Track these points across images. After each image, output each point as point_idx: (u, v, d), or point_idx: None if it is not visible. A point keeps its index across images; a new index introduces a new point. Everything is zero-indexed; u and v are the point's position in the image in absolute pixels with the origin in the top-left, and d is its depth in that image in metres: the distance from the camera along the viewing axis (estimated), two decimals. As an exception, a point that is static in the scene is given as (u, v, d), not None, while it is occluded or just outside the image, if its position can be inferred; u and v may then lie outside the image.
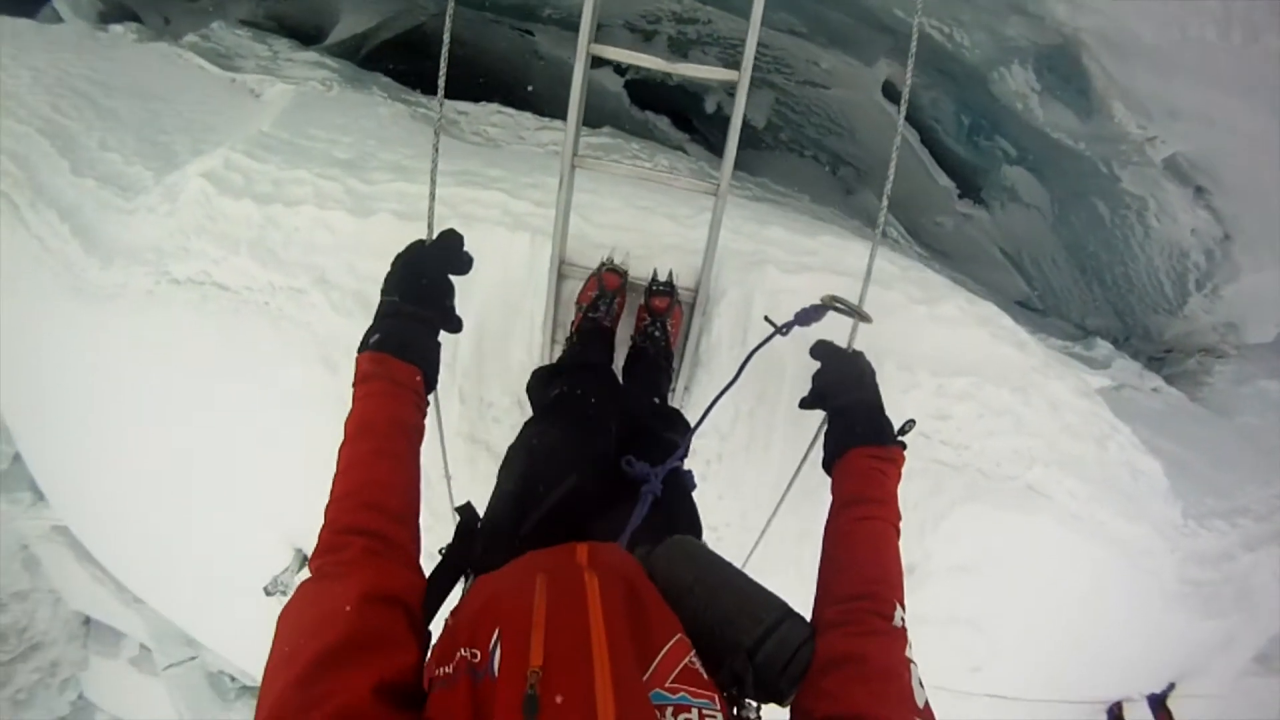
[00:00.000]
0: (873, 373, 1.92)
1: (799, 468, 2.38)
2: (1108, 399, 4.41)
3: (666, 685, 1.01)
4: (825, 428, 1.86)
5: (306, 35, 7.57)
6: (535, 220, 3.26)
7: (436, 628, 1.25)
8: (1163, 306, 6.70)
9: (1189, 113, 5.01)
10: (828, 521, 1.59)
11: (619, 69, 7.53)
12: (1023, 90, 5.72)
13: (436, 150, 2.01)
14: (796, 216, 4.01)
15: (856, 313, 2.05)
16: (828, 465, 1.77)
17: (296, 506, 3.68)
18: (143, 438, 4.02)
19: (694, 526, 1.95)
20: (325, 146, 4.02)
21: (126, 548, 4.97)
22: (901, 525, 1.57)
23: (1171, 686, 5.05)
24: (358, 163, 3.85)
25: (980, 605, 3.53)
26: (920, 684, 1.20)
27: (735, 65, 2.36)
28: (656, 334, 2.89)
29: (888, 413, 1.83)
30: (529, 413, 2.53)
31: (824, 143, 8.04)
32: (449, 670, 1.04)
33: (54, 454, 4.85)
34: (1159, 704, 5.07)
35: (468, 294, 3.21)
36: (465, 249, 1.79)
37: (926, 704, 1.18)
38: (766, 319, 2.14)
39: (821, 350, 2.01)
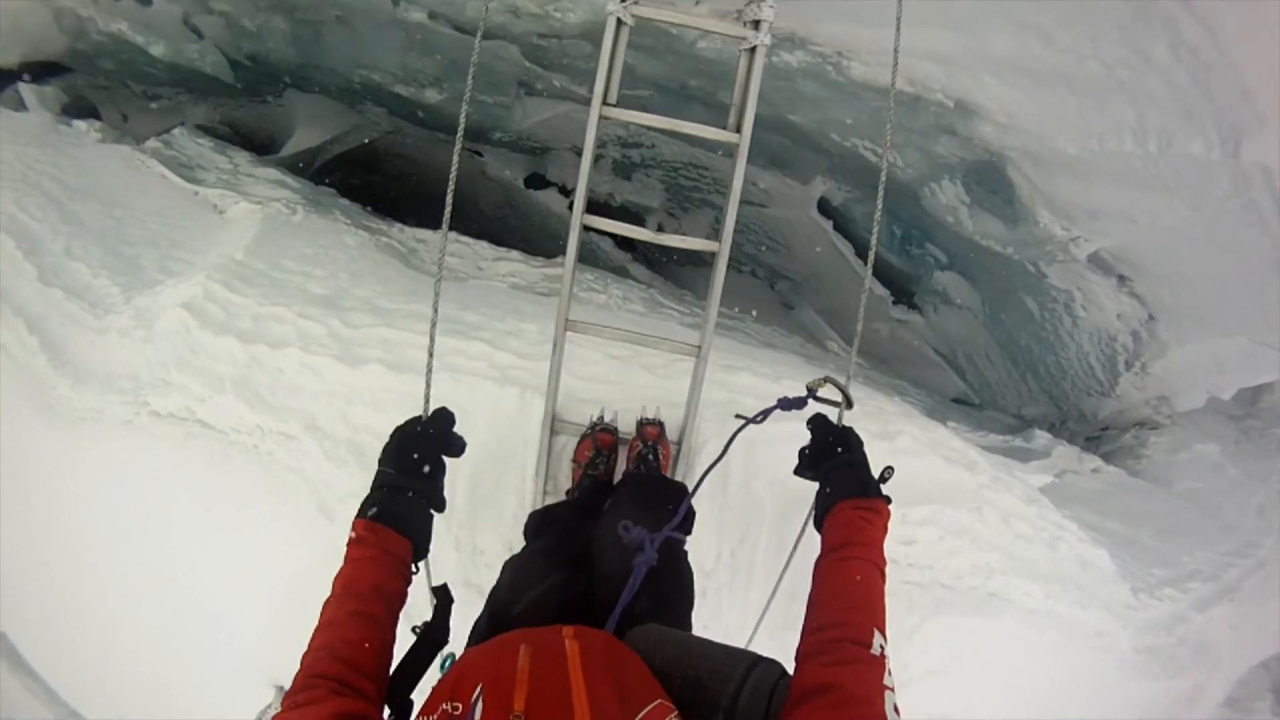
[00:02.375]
0: (860, 442, 1.98)
1: (796, 543, 2.44)
2: (1052, 492, 4.70)
3: None
4: (817, 495, 1.92)
5: (260, 144, 7.74)
6: (520, 373, 3.39)
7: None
8: (1095, 389, 7.03)
9: (1110, 213, 5.36)
10: (814, 568, 1.62)
11: (563, 190, 7.77)
12: (953, 203, 6.08)
13: (433, 341, 2.07)
14: (757, 355, 4.27)
15: (843, 393, 2.15)
16: (818, 524, 1.82)
17: (277, 646, 3.61)
18: (110, 557, 3.90)
19: (688, 603, 2.03)
20: (300, 280, 4.11)
21: (74, 663, 4.69)
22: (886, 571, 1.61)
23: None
24: (334, 300, 3.94)
25: (954, 703, 3.64)
26: (895, 709, 1.20)
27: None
28: (650, 457, 3.00)
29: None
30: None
31: (761, 258, 8.37)
32: None
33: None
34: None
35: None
36: (456, 429, 1.87)
37: None
38: (738, 416, 2.27)
39: (814, 423, 2.09)
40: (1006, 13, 4.41)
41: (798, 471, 2.08)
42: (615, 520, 2.00)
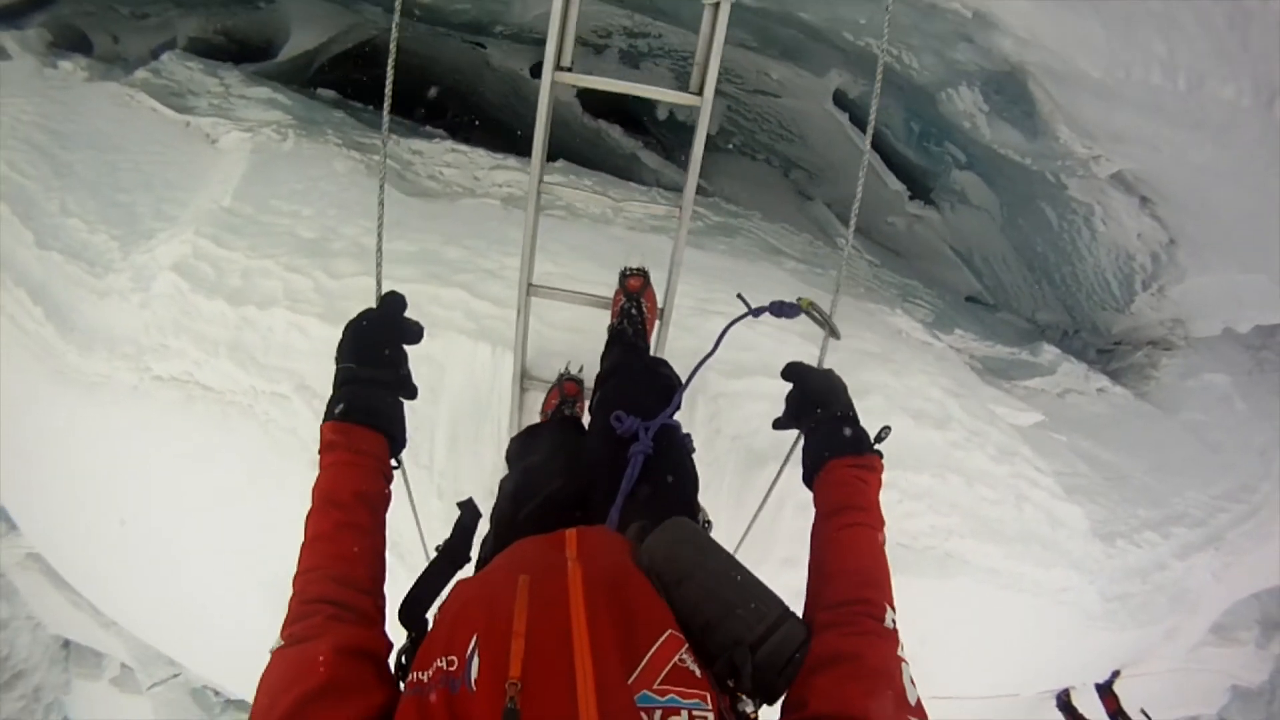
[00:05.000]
0: (844, 386, 1.84)
1: (765, 499, 2.39)
2: (1052, 415, 4.69)
3: (655, 687, 1.01)
4: (801, 443, 1.80)
5: (258, 49, 7.48)
6: (495, 324, 3.41)
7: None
8: (1110, 304, 6.88)
9: (1134, 138, 5.08)
10: (813, 532, 1.57)
11: (570, 76, 7.48)
12: (970, 110, 5.77)
13: (380, 237, 2.05)
14: (743, 278, 4.21)
15: (828, 325, 2.07)
16: (808, 479, 1.72)
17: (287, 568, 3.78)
18: (124, 483, 4.10)
19: (692, 487, 1.99)
20: (288, 223, 4.10)
21: (102, 574, 5.01)
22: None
23: (1116, 674, 5.36)
24: (322, 244, 3.94)
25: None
26: (912, 682, 1.20)
27: (686, 77, 2.35)
28: (634, 311, 2.95)
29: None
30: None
31: (775, 148, 8.09)
32: (424, 678, 1.05)
33: (26, 483, 4.85)
34: (1105, 690, 5.37)
35: (437, 400, 3.34)
36: (410, 315, 1.75)
37: (919, 701, 1.19)
38: (739, 296, 2.13)
39: (793, 370, 1.92)
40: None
41: (779, 424, 1.92)
42: (606, 413, 1.99)
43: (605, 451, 1.97)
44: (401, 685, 1.19)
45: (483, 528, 1.76)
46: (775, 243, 5.74)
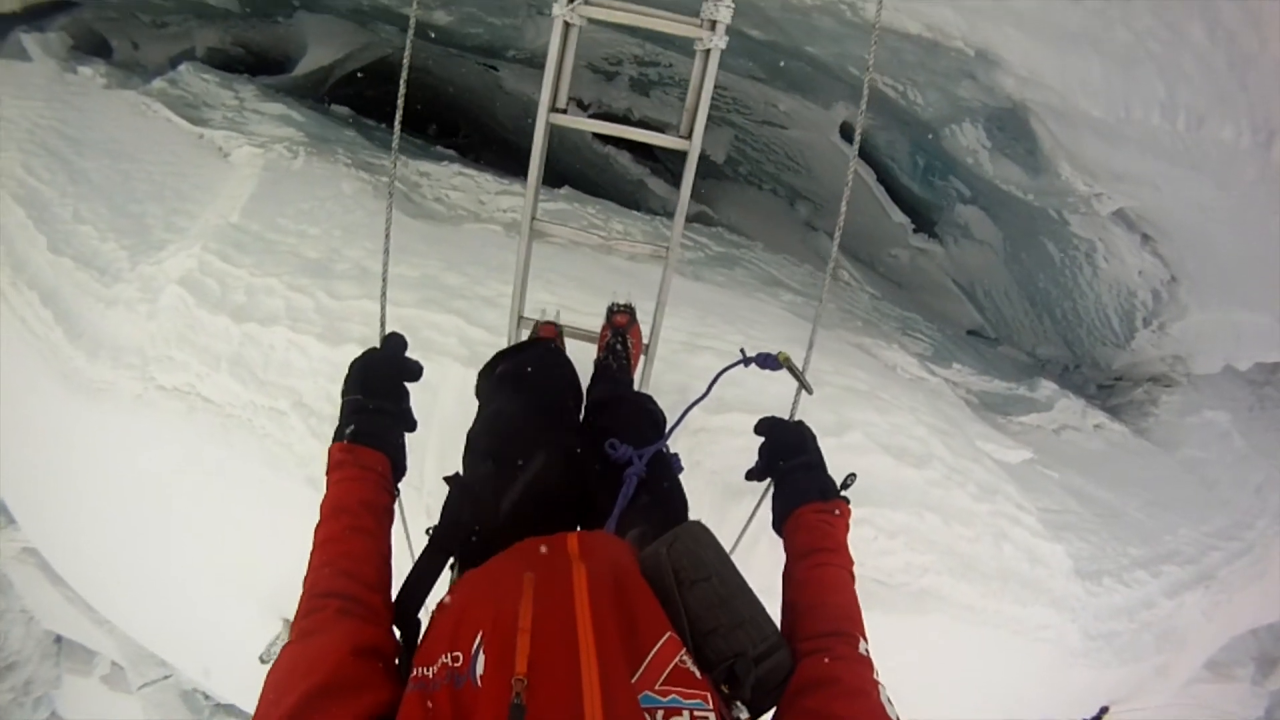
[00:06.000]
0: (814, 437, 1.90)
1: (741, 533, 2.43)
2: (1045, 452, 4.69)
3: (657, 687, 1.02)
4: (771, 491, 1.87)
5: (275, 63, 7.64)
6: (488, 352, 3.34)
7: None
8: (1111, 340, 6.90)
9: (1135, 177, 5.14)
10: (785, 574, 1.61)
11: (581, 104, 7.57)
12: (973, 146, 5.84)
13: (386, 269, 2.04)
14: (736, 314, 4.30)
15: (801, 380, 2.17)
16: (778, 526, 1.78)
17: (280, 581, 3.82)
18: (123, 486, 4.13)
19: (683, 504, 2.01)
20: (294, 242, 4.16)
21: (98, 574, 5.08)
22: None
23: (1105, 709, 5.30)
24: (325, 265, 4.01)
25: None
26: (890, 702, 1.23)
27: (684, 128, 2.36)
28: (619, 346, 2.98)
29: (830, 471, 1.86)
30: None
31: (781, 178, 8.18)
32: (429, 673, 1.06)
33: (27, 478, 4.92)
34: (1094, 725, 5.32)
35: (428, 423, 3.39)
36: (410, 355, 1.83)
37: (898, 718, 1.22)
38: (741, 351, 2.20)
39: (766, 424, 1.99)
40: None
41: (751, 475, 1.99)
42: (601, 441, 2.01)
43: (601, 472, 1.99)
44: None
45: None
46: (776, 274, 5.79)
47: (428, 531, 1.62)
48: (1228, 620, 5.16)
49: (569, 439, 2.06)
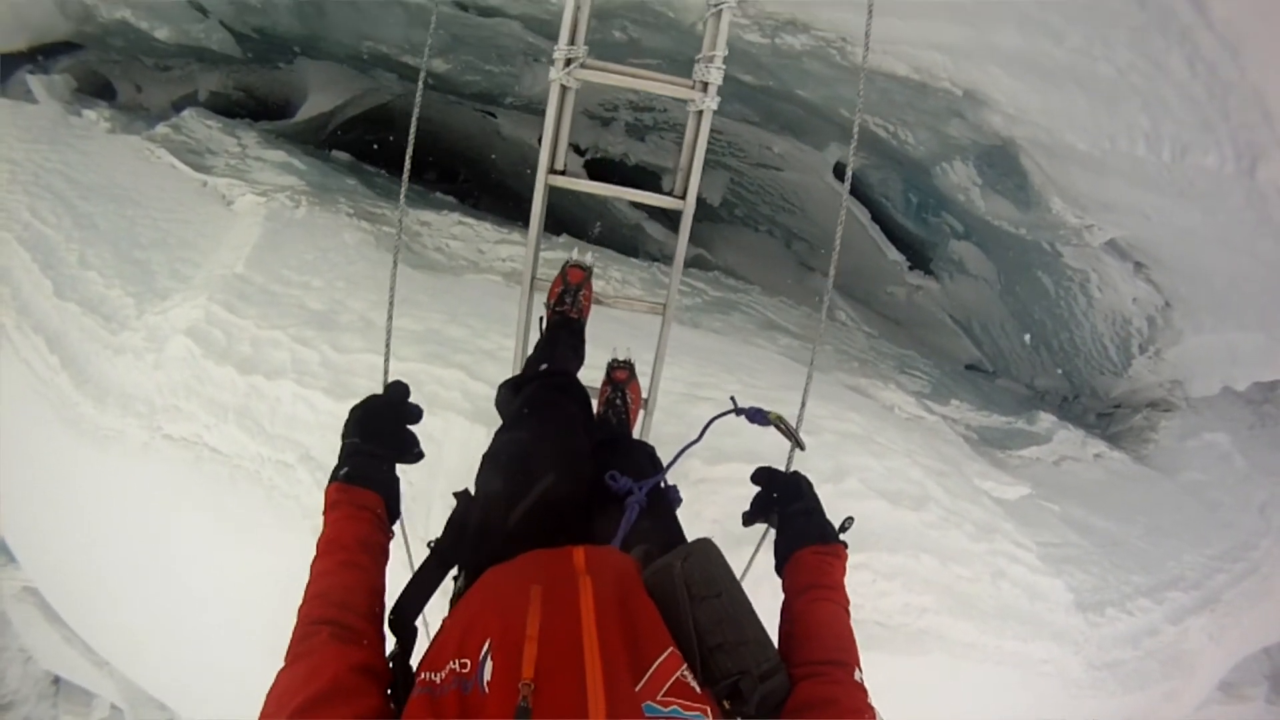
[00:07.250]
0: (810, 484, 1.96)
1: (741, 578, 2.44)
2: (1045, 484, 4.71)
3: (659, 698, 1.03)
4: (772, 536, 1.92)
5: (276, 107, 7.79)
6: (491, 406, 3.44)
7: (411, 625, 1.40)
8: (1108, 368, 6.95)
9: (1124, 207, 5.22)
10: (783, 608, 1.64)
11: (578, 149, 7.70)
12: (964, 184, 5.93)
13: (390, 318, 2.10)
14: (735, 362, 4.37)
15: (794, 437, 2.21)
16: (779, 569, 1.81)
17: (283, 628, 3.82)
18: (127, 532, 4.13)
19: (682, 537, 2.02)
20: (298, 294, 4.22)
21: (98, 616, 4.99)
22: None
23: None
24: (330, 317, 4.06)
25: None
26: None
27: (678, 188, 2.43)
28: (619, 401, 3.02)
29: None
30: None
31: (777, 219, 8.32)
32: (436, 679, 1.08)
33: (29, 519, 4.90)
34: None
35: (434, 476, 3.43)
36: (412, 399, 1.90)
37: None
38: (731, 399, 2.27)
39: (763, 475, 2.04)
40: (1013, 7, 4.26)
41: (747, 519, 2.05)
42: (600, 474, 2.04)
43: (600, 502, 2.02)
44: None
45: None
46: (773, 317, 5.85)
47: (429, 544, 1.66)
48: (1236, 641, 5.14)
49: (579, 465, 2.08)
